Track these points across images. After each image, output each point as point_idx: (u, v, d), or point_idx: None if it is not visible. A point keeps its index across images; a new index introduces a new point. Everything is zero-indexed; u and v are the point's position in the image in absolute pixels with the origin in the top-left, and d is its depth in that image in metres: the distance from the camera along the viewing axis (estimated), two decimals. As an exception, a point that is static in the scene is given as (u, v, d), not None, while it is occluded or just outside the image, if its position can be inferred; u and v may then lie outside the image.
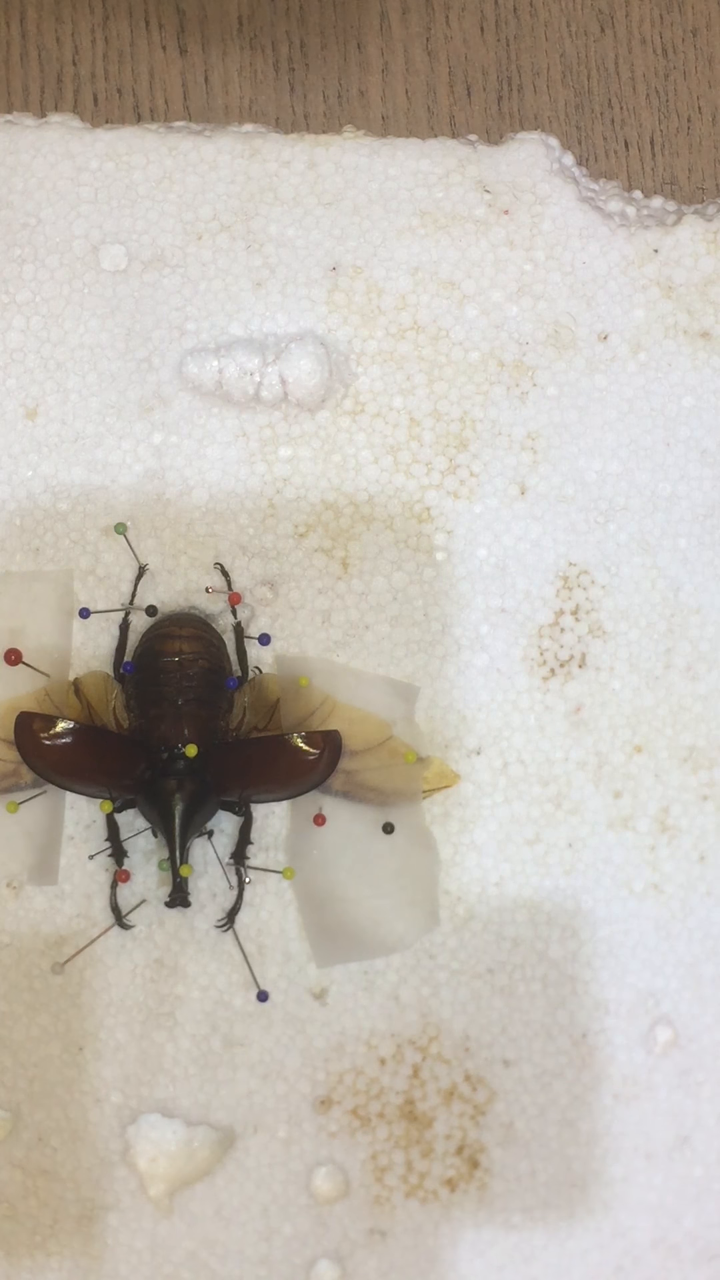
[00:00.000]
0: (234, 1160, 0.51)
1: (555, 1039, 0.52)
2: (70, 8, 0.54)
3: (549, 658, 0.52)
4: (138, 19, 0.54)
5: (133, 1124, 0.51)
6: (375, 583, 0.52)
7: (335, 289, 0.52)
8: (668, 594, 0.53)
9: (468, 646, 0.52)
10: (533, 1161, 0.52)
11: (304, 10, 0.55)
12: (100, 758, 0.50)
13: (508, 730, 0.52)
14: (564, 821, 0.52)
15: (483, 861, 0.52)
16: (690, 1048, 0.52)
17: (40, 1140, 0.51)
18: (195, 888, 0.51)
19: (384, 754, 0.51)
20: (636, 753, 0.52)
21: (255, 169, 0.52)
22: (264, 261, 0.52)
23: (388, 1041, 0.52)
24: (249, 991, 0.51)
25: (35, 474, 0.52)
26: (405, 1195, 0.52)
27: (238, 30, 0.55)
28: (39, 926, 0.51)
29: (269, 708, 0.51)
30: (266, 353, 0.51)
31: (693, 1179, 0.52)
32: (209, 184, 0.52)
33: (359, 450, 0.52)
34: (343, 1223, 0.52)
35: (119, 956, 0.51)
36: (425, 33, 0.55)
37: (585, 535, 0.53)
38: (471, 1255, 0.52)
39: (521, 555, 0.52)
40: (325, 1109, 0.52)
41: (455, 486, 0.52)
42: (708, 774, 0.52)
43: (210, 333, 0.52)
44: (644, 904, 0.52)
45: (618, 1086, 0.52)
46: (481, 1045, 0.52)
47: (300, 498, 0.52)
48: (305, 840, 0.51)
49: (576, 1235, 0.52)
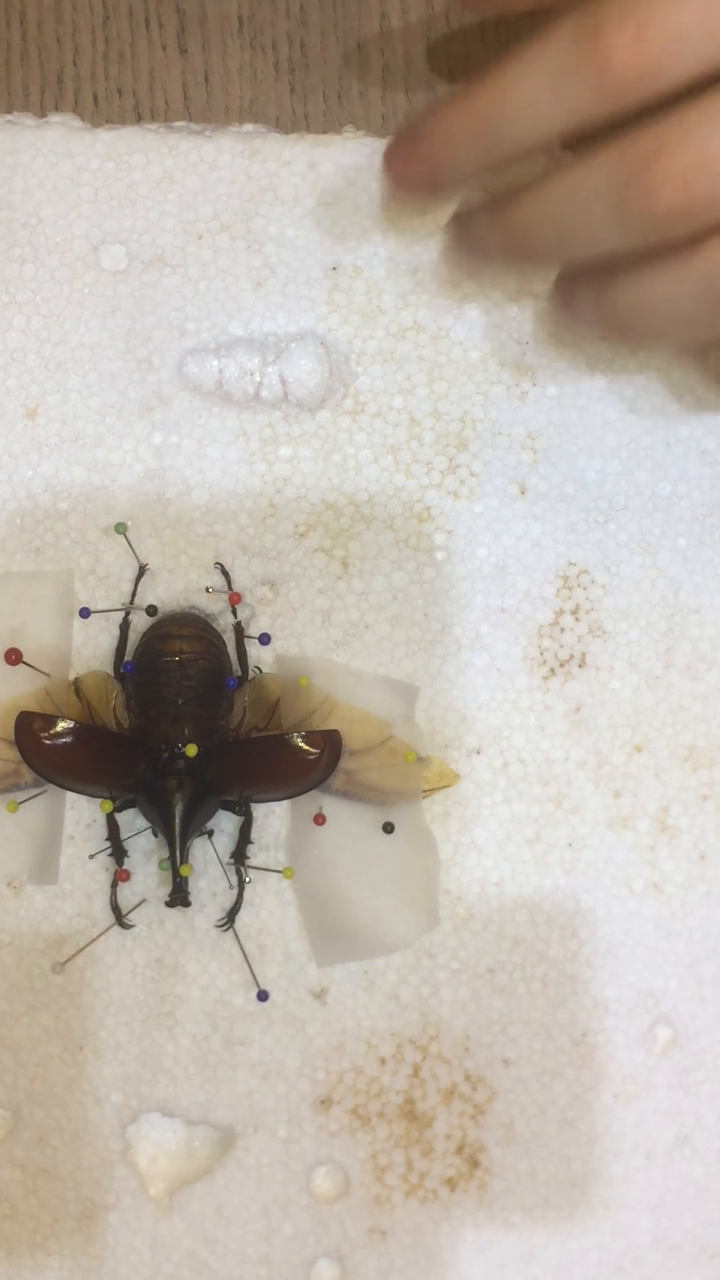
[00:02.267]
0: (234, 1160, 0.51)
1: (555, 1038, 0.52)
2: (70, 8, 0.54)
3: (549, 657, 0.52)
4: (138, 19, 0.54)
5: (133, 1123, 0.51)
6: (375, 582, 0.52)
7: (335, 289, 0.52)
8: (668, 593, 0.53)
9: (468, 646, 0.52)
10: (533, 1161, 0.52)
11: (304, 10, 0.55)
12: (100, 757, 0.50)
13: (508, 730, 0.52)
14: (564, 821, 0.52)
15: (483, 861, 0.52)
16: (690, 1047, 0.52)
17: (40, 1139, 0.51)
18: (195, 887, 0.51)
19: (384, 753, 0.51)
20: (636, 752, 0.52)
21: (255, 169, 0.52)
22: (264, 261, 0.52)
23: (388, 1041, 0.52)
24: (249, 991, 0.51)
25: (36, 474, 0.52)
26: (405, 1194, 0.52)
27: (238, 30, 0.55)
28: (39, 926, 0.51)
29: (269, 707, 0.51)
30: (267, 352, 0.51)
31: (692, 1178, 0.52)
32: (209, 184, 0.52)
33: (359, 450, 0.52)
34: (343, 1222, 0.52)
35: (119, 956, 0.51)
36: (425, 33, 0.55)
37: (585, 535, 0.53)
38: (471, 1254, 0.52)
39: (521, 555, 0.52)
40: (325, 1108, 0.52)
41: (455, 486, 0.52)
42: (708, 773, 0.52)
43: (210, 332, 0.52)
44: (644, 903, 0.52)
45: (618, 1086, 0.52)
46: (481, 1044, 0.52)
47: (300, 497, 0.52)
48: (305, 840, 0.51)
49: (576, 1234, 0.52)
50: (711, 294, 0.39)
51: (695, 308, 0.39)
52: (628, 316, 0.41)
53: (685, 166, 0.37)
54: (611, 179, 0.38)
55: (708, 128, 0.37)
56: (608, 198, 0.38)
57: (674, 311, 0.40)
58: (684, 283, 0.39)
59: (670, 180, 0.37)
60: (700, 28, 0.37)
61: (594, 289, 0.43)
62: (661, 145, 0.37)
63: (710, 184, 0.37)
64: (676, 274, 0.39)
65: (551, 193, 0.40)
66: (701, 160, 0.37)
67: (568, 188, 0.40)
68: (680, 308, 0.40)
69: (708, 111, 0.37)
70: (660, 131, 0.37)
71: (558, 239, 0.41)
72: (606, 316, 0.42)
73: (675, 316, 0.40)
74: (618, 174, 0.38)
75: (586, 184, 0.39)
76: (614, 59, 0.37)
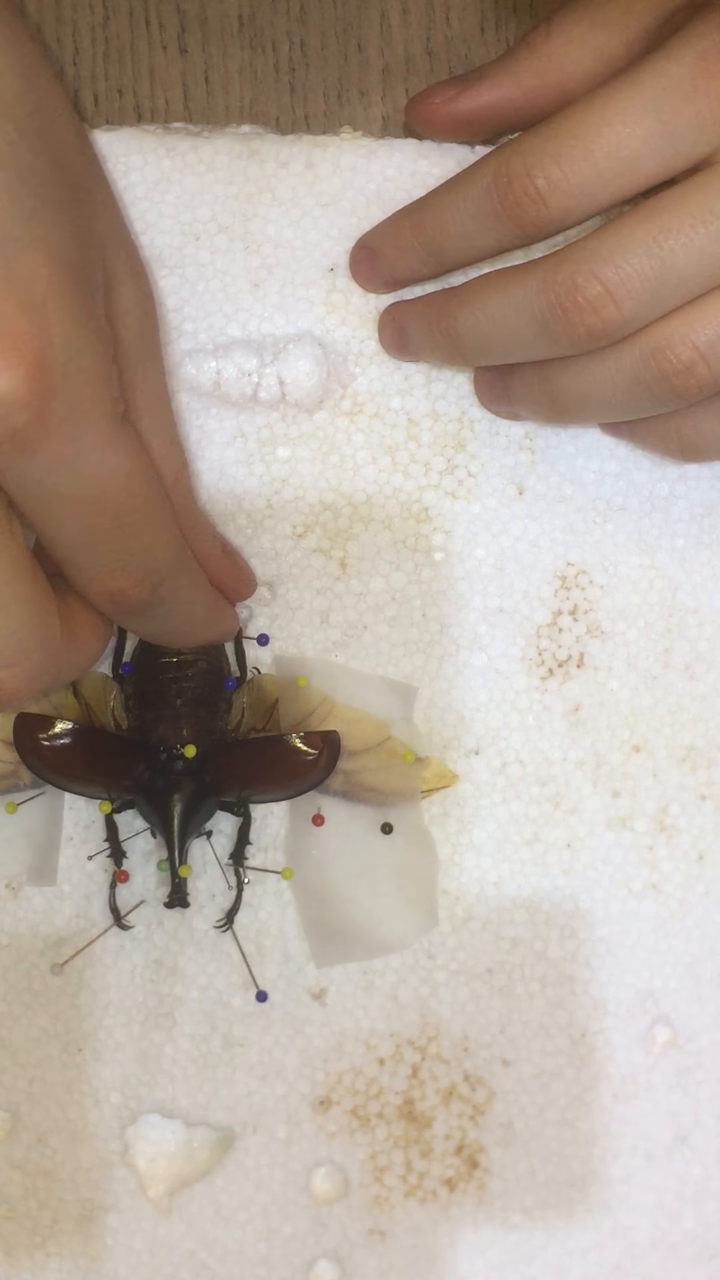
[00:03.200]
0: (233, 1160, 0.51)
1: (554, 1039, 0.52)
2: (70, 8, 0.54)
3: (547, 657, 0.52)
4: (138, 19, 0.54)
5: (132, 1124, 0.51)
6: (373, 583, 0.52)
7: (333, 290, 0.52)
8: (665, 594, 0.53)
9: (466, 646, 0.52)
10: (532, 1161, 0.52)
11: (304, 10, 0.55)
12: (99, 758, 0.50)
13: (506, 730, 0.52)
14: (562, 821, 0.52)
15: (481, 861, 0.52)
16: (689, 1047, 0.52)
17: (39, 1141, 0.51)
18: (194, 888, 0.51)
19: (382, 754, 0.51)
20: (635, 752, 0.52)
21: (253, 170, 0.52)
22: (262, 262, 0.52)
23: (387, 1041, 0.52)
24: (248, 992, 0.51)
25: (33, 475, 0.51)
26: (404, 1195, 0.52)
27: (238, 30, 0.55)
28: (38, 927, 0.51)
29: (267, 708, 0.51)
30: (264, 353, 0.51)
31: (692, 1178, 0.52)
32: (206, 185, 0.52)
33: (357, 451, 0.52)
34: (342, 1223, 0.52)
35: (118, 957, 0.51)
36: (425, 33, 0.55)
37: (583, 535, 0.53)
38: (471, 1255, 0.52)
39: (519, 555, 0.52)
40: (324, 1109, 0.52)
41: (453, 487, 0.52)
42: (706, 773, 0.52)
43: (208, 334, 0.52)
44: (642, 903, 0.52)
45: (616, 1086, 0.52)
46: (480, 1045, 0.52)
47: (298, 498, 0.52)
48: (304, 840, 0.51)
49: (576, 1235, 0.52)
50: (642, 379, 0.45)
51: (629, 392, 0.46)
52: (565, 402, 0.48)
53: (595, 298, 0.44)
54: (536, 308, 0.45)
55: (607, 261, 0.44)
56: (534, 320, 0.45)
57: (610, 395, 0.46)
58: (614, 374, 0.46)
59: (585, 311, 0.44)
60: (593, 179, 0.44)
61: (520, 380, 0.49)
62: (573, 280, 0.44)
63: (621, 308, 0.44)
64: (606, 368, 0.46)
65: (483, 309, 0.47)
66: (607, 292, 0.44)
67: (498, 307, 0.46)
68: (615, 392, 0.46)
69: (607, 242, 0.44)
70: (571, 267, 0.44)
71: (490, 348, 0.48)
72: (545, 401, 0.48)
73: (609, 401, 0.47)
74: (541, 304, 0.45)
75: (515, 306, 0.46)
76: (522, 213, 0.45)
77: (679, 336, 0.45)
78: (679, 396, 0.45)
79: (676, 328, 0.45)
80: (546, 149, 0.45)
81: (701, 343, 0.44)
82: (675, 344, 0.45)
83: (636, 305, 0.44)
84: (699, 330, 0.44)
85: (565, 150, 0.44)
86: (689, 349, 0.45)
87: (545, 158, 0.44)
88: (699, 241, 0.44)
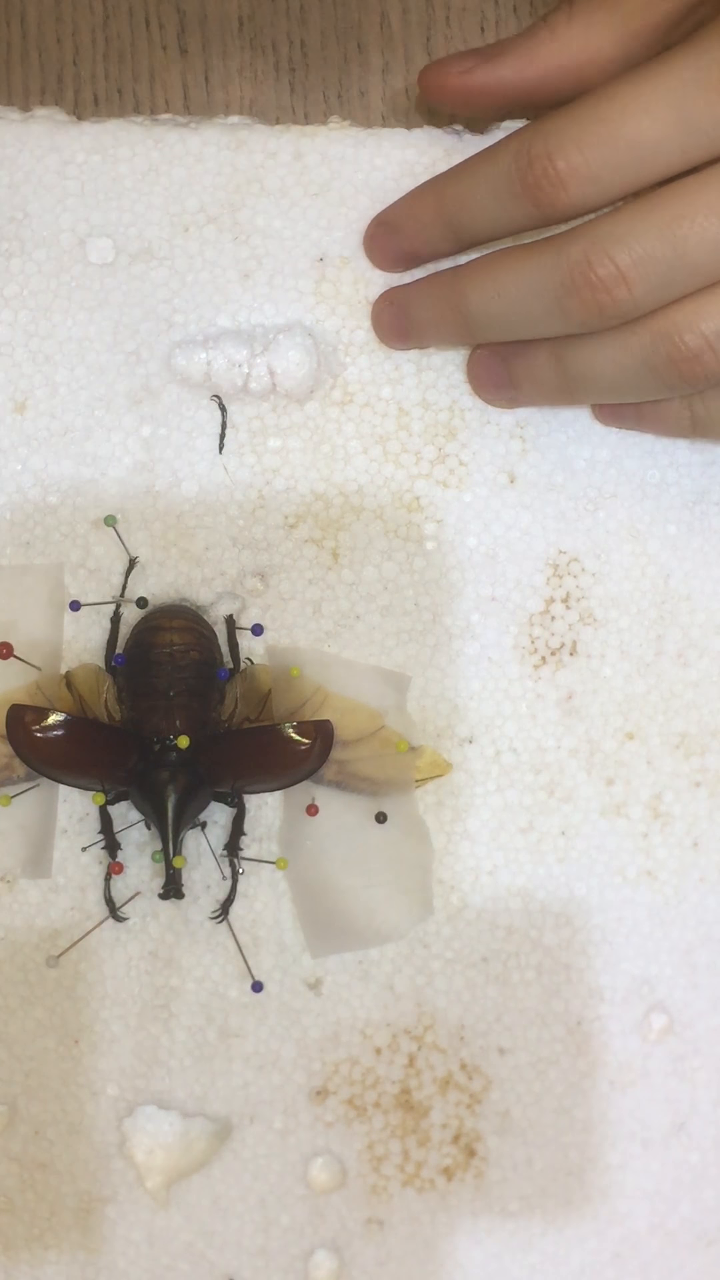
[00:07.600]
0: (230, 1151, 0.51)
1: (550, 1027, 0.52)
2: (70, 8, 0.54)
3: (540, 645, 0.52)
4: (138, 19, 0.54)
5: (129, 1116, 0.51)
6: (365, 572, 0.52)
7: (323, 279, 0.52)
8: (658, 581, 0.53)
9: (459, 635, 0.52)
10: (529, 1149, 0.52)
11: (304, 10, 0.55)
12: (93, 750, 0.50)
13: (499, 718, 0.52)
14: (557, 809, 0.52)
15: (476, 850, 0.52)
16: (685, 1034, 0.52)
17: (37, 1133, 0.51)
18: (189, 879, 0.51)
19: (376, 743, 0.51)
20: (628, 740, 0.52)
21: (241, 160, 0.52)
22: (251, 253, 0.52)
23: (383, 1031, 0.52)
24: (244, 983, 0.51)
25: (24, 468, 0.52)
26: (402, 1184, 0.52)
27: (238, 30, 0.55)
28: (33, 920, 0.51)
29: (261, 698, 0.51)
30: (254, 344, 0.51)
31: (689, 1165, 0.52)
32: (195, 176, 0.52)
33: (348, 440, 0.52)
34: (340, 1212, 0.52)
35: (113, 949, 0.51)
36: (425, 33, 0.55)
37: (575, 523, 0.53)
38: (469, 1244, 0.52)
39: (511, 543, 0.52)
40: (321, 1099, 0.52)
41: (444, 475, 0.52)
42: (699, 760, 0.52)
43: (198, 325, 0.52)
44: (637, 891, 0.52)
45: (613, 1074, 0.52)
46: (477, 1034, 0.52)
47: (290, 488, 0.52)
48: (298, 831, 0.51)
49: (574, 1223, 0.52)
50: (650, 362, 0.46)
51: (637, 374, 0.47)
52: (575, 381, 0.48)
53: (607, 277, 0.44)
54: (549, 283, 0.46)
55: (621, 242, 0.44)
56: (546, 296, 0.46)
57: (619, 376, 0.47)
58: (624, 355, 0.46)
59: (598, 289, 0.45)
60: (613, 166, 0.44)
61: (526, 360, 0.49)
62: (587, 258, 0.45)
63: (633, 290, 0.45)
64: (616, 349, 0.46)
65: (495, 285, 0.47)
66: (619, 273, 0.44)
67: (510, 283, 0.47)
68: (624, 374, 0.47)
69: (622, 223, 0.45)
70: (585, 245, 0.45)
71: (500, 325, 0.48)
72: (554, 381, 0.49)
73: (618, 382, 0.47)
74: (554, 279, 0.45)
75: (527, 282, 0.46)
76: (540, 195, 0.45)
77: (688, 324, 0.45)
78: (686, 382, 0.46)
79: (686, 315, 0.45)
80: (569, 133, 0.45)
81: (710, 332, 0.45)
82: (684, 331, 0.45)
83: (647, 288, 0.45)
84: (708, 319, 0.45)
85: (587, 135, 0.44)
86: (697, 337, 0.45)
87: (567, 141, 0.45)
88: (713, 230, 0.44)
